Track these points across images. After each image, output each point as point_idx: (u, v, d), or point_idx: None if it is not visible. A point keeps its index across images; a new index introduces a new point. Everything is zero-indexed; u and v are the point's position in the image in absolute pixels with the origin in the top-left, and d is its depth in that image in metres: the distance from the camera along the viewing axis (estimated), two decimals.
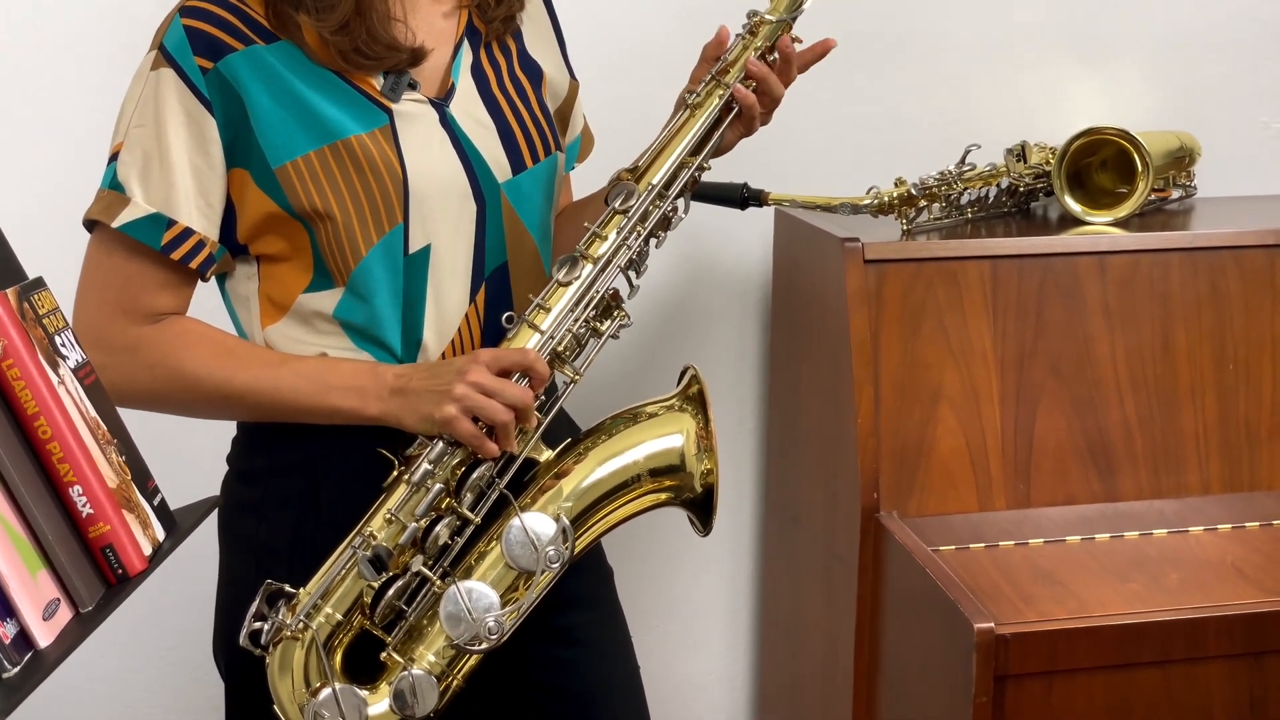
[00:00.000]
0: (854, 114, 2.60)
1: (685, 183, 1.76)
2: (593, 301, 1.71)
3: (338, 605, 1.65)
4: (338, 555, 1.66)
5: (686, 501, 1.77)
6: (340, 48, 1.64)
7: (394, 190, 1.67)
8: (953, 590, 1.93)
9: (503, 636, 1.67)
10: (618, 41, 2.51)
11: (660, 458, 1.75)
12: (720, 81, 1.77)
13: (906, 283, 2.19)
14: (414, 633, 1.68)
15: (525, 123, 1.77)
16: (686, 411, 1.77)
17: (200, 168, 1.65)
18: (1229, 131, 2.74)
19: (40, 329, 1.29)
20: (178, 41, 1.63)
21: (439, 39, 1.73)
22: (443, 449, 1.66)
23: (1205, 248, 2.28)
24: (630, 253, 1.73)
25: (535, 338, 1.69)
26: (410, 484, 1.65)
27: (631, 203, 1.73)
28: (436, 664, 1.67)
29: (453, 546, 1.68)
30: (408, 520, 1.65)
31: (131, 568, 1.30)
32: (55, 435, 1.26)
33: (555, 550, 1.69)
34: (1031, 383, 2.22)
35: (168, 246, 1.66)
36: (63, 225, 2.28)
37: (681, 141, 1.76)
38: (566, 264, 1.71)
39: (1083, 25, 2.67)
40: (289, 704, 1.65)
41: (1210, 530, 2.19)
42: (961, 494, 2.19)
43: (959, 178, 2.35)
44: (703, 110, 1.76)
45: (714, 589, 2.75)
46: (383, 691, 1.66)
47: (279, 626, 1.64)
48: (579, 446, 1.75)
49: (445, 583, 1.67)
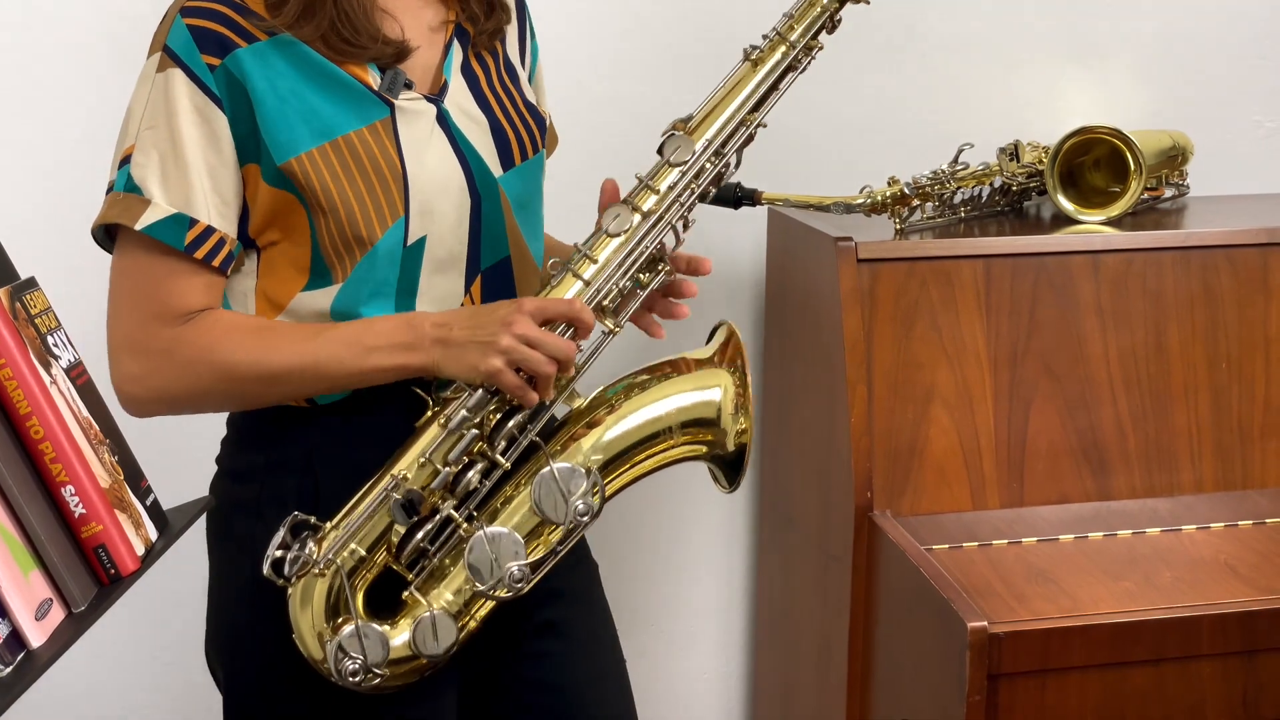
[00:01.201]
0: (847, 113, 2.60)
1: (741, 139, 1.76)
2: (640, 255, 1.72)
3: (363, 542, 1.66)
4: (368, 494, 1.66)
5: (717, 458, 1.78)
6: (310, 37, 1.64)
7: (395, 184, 1.67)
8: (946, 589, 1.93)
9: (526, 586, 1.68)
10: (611, 42, 2.51)
11: (695, 411, 1.75)
12: (785, 38, 1.76)
13: (900, 282, 2.19)
14: (436, 573, 1.69)
15: (514, 120, 1.77)
16: (724, 368, 1.77)
17: (215, 166, 1.65)
18: (1221, 130, 2.74)
19: (32, 329, 1.29)
20: (183, 41, 1.63)
21: (426, 37, 1.74)
22: (482, 397, 1.66)
23: (1198, 246, 2.29)
24: (682, 209, 1.73)
25: (578, 286, 1.69)
26: (446, 428, 1.66)
27: (687, 158, 1.73)
28: (454, 603, 1.67)
29: (480, 490, 1.69)
30: (440, 464, 1.65)
31: (124, 568, 1.30)
32: (48, 435, 1.26)
33: (585, 504, 1.69)
34: (1025, 382, 2.22)
35: (191, 246, 1.65)
36: (55, 226, 2.29)
37: (739, 96, 1.75)
38: (615, 214, 1.71)
39: (1075, 25, 2.68)
40: (309, 636, 1.65)
41: (1203, 529, 2.19)
42: (955, 493, 2.19)
43: (952, 177, 2.35)
44: (764, 65, 1.76)
45: (708, 588, 2.75)
46: (402, 627, 1.67)
47: (304, 560, 1.64)
48: (612, 396, 1.75)
49: (471, 527, 1.67)
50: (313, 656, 1.66)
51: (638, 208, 1.71)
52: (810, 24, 1.77)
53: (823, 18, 1.77)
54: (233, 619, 1.77)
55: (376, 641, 1.65)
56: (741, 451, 1.76)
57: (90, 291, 1.88)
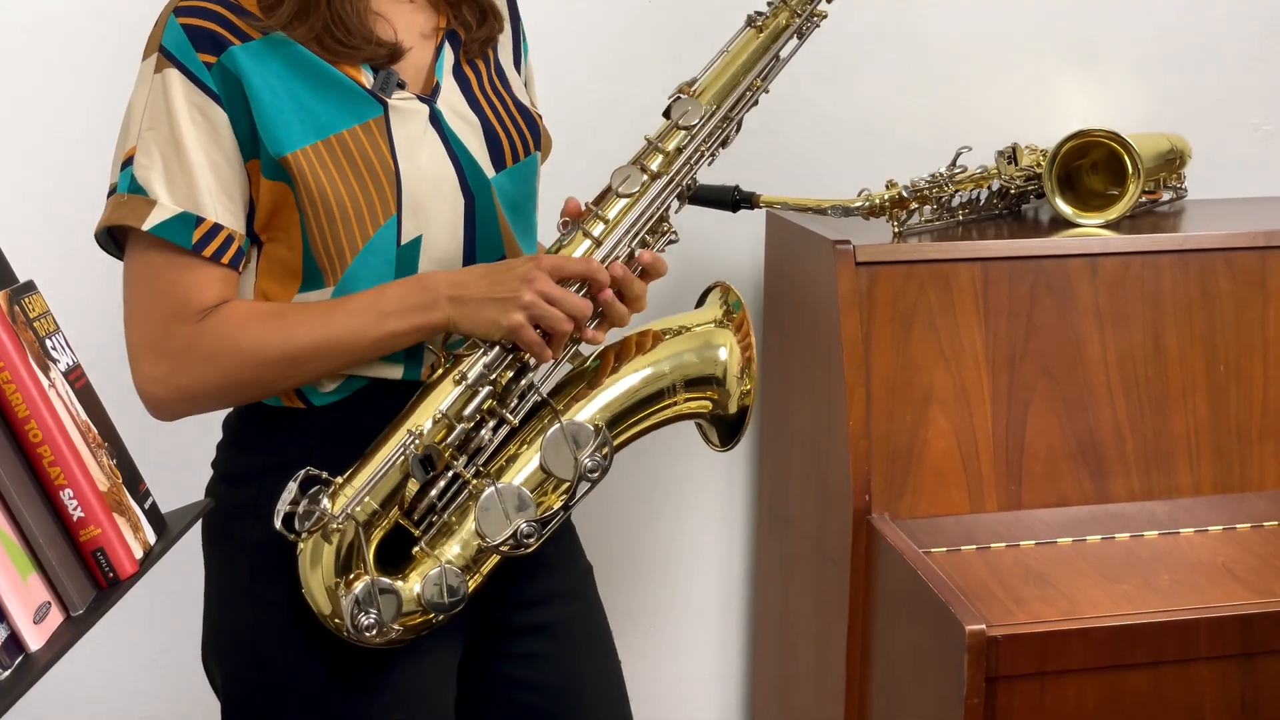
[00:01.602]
0: (845, 116, 2.60)
1: (748, 102, 1.78)
2: (650, 215, 1.73)
3: (376, 496, 1.66)
4: (383, 449, 1.66)
5: (718, 418, 1.79)
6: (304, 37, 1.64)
7: (388, 183, 1.67)
8: (944, 592, 1.93)
9: (535, 541, 1.68)
10: (608, 44, 2.51)
11: (701, 368, 1.77)
12: (787, 4, 1.79)
13: (898, 285, 2.20)
14: (444, 529, 1.69)
15: (506, 122, 1.78)
16: (729, 328, 1.79)
17: (219, 163, 1.65)
18: (1219, 134, 2.74)
19: (31, 332, 1.29)
20: (179, 41, 1.63)
21: (418, 38, 1.74)
22: (499, 354, 1.67)
23: (1196, 249, 2.29)
24: (690, 169, 1.75)
25: (587, 244, 1.71)
26: (461, 384, 1.67)
27: (694, 121, 1.75)
28: (462, 557, 1.68)
29: (488, 446, 1.70)
30: (455, 421, 1.66)
31: (122, 571, 1.30)
32: (46, 439, 1.25)
33: (593, 461, 1.70)
34: (1023, 384, 2.22)
35: (199, 244, 1.65)
36: (54, 229, 2.29)
37: (742, 58, 1.78)
38: (625, 175, 1.72)
39: (1073, 28, 2.68)
40: (319, 592, 1.65)
41: (1201, 531, 2.19)
42: (953, 496, 2.19)
43: (950, 180, 2.35)
44: (767, 30, 1.79)
45: (706, 590, 2.76)
46: (412, 581, 1.67)
47: (319, 515, 1.64)
48: (618, 353, 1.77)
49: (481, 482, 1.68)
50: (322, 612, 1.65)
51: (646, 168, 1.73)
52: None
53: None
54: (230, 622, 1.77)
55: (392, 596, 1.65)
56: (744, 412, 1.78)
57: (88, 295, 1.88)
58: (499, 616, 1.82)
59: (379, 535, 1.67)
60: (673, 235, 1.77)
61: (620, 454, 1.80)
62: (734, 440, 1.81)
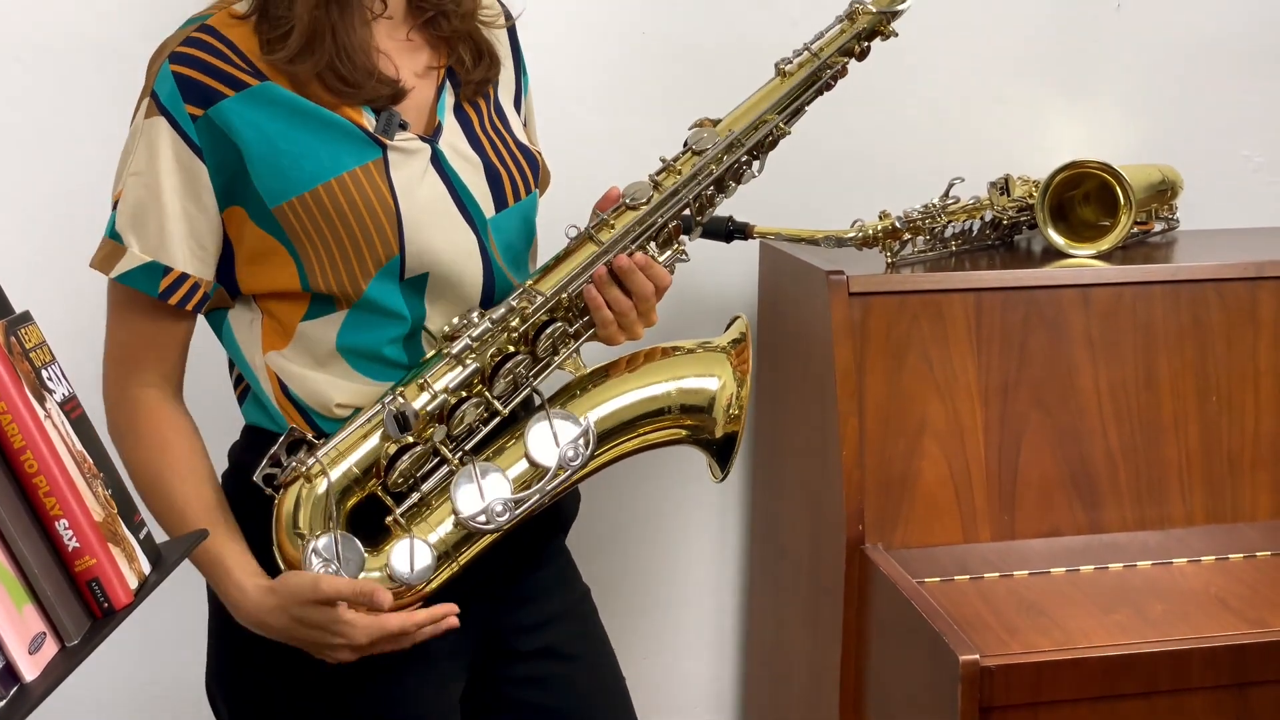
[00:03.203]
0: (838, 147, 2.61)
1: (763, 138, 1.81)
2: (656, 226, 1.75)
3: (357, 462, 1.66)
4: (365, 411, 1.68)
5: (704, 443, 1.81)
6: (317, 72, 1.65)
7: (388, 222, 1.68)
8: (937, 622, 1.93)
9: (508, 522, 1.69)
10: (606, 76, 2.52)
11: (692, 395, 1.79)
12: (815, 55, 1.82)
13: (891, 315, 2.20)
14: (423, 506, 1.70)
15: (506, 162, 1.79)
16: (730, 361, 1.81)
17: (193, 213, 1.68)
18: (1211, 165, 2.75)
19: (27, 363, 1.29)
20: (169, 90, 1.65)
21: (420, 79, 1.75)
22: (486, 328, 1.69)
23: (1187, 280, 2.29)
24: (700, 188, 1.77)
25: (592, 248, 1.72)
26: (448, 357, 1.68)
27: (709, 146, 1.77)
28: (440, 543, 1.68)
29: (476, 433, 1.71)
30: (439, 391, 1.67)
31: (117, 601, 1.30)
32: (42, 469, 1.26)
33: (574, 450, 1.72)
34: (1015, 414, 2.23)
35: (165, 292, 1.70)
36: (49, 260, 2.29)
37: (767, 103, 1.81)
38: (635, 188, 1.75)
39: (1065, 60, 2.69)
40: (287, 543, 1.66)
41: (1194, 562, 2.19)
42: (946, 525, 2.19)
43: (943, 211, 2.36)
44: (793, 78, 1.82)
45: (700, 619, 2.75)
46: (382, 555, 1.67)
47: (294, 466, 1.66)
48: (617, 366, 1.79)
49: (462, 463, 1.70)
50: (287, 562, 1.66)
51: (659, 184, 1.76)
52: (838, 46, 1.84)
53: (850, 42, 1.84)
54: (233, 651, 1.77)
55: (352, 557, 1.65)
56: (732, 439, 1.80)
57: (84, 326, 1.89)
58: (501, 643, 1.83)
59: (353, 500, 1.67)
60: (683, 255, 1.79)
61: (615, 483, 1.81)
62: (726, 467, 1.82)
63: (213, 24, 1.67)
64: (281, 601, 1.64)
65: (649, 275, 1.73)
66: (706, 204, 1.80)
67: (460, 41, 1.79)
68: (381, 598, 1.61)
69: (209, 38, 1.66)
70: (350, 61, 1.67)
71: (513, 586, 1.82)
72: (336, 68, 1.67)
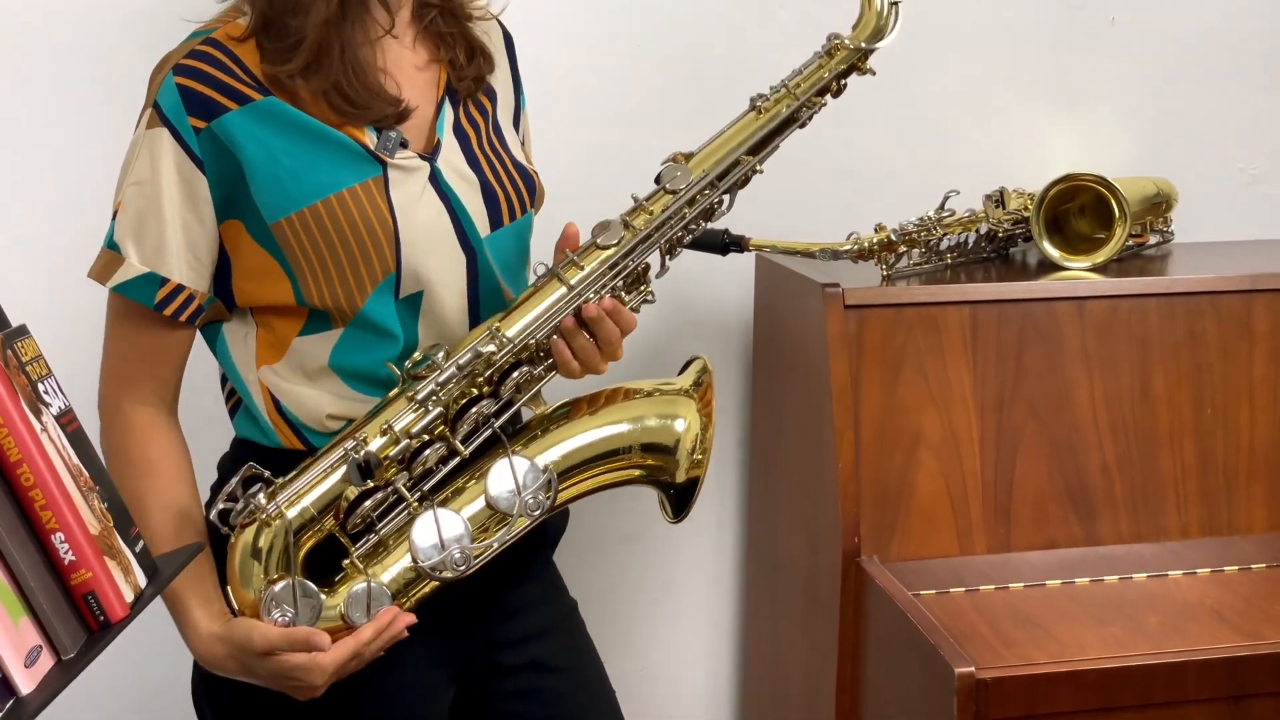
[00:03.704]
0: (834, 160, 2.62)
1: (736, 179, 1.80)
2: (625, 270, 1.74)
3: (315, 502, 1.66)
4: (327, 453, 1.67)
5: (663, 484, 1.81)
6: (323, 91, 1.66)
7: (386, 240, 1.68)
8: (933, 634, 1.93)
9: (467, 570, 1.69)
10: (599, 87, 2.52)
11: (655, 435, 1.78)
12: (791, 92, 1.82)
13: (887, 328, 2.20)
14: (380, 548, 1.69)
15: (504, 181, 1.79)
16: (695, 401, 1.80)
17: (191, 224, 1.68)
18: (1205, 178, 2.76)
19: (23, 376, 1.30)
20: (172, 102, 1.65)
21: (421, 97, 1.75)
22: (452, 374, 1.68)
23: (1183, 293, 2.30)
24: (672, 231, 1.76)
25: (561, 290, 1.71)
26: (412, 401, 1.67)
27: (681, 186, 1.76)
28: (394, 582, 1.68)
29: (436, 473, 1.71)
30: (402, 435, 1.66)
31: (113, 614, 1.30)
32: (38, 482, 1.26)
33: (535, 499, 1.71)
34: (1011, 427, 2.23)
35: (161, 304, 1.70)
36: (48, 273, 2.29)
37: (740, 138, 1.80)
38: (606, 228, 1.74)
39: (1060, 73, 2.70)
40: (240, 587, 1.65)
41: (1189, 574, 2.20)
42: (942, 538, 2.19)
43: (938, 223, 2.36)
44: (768, 115, 1.81)
45: (695, 632, 2.75)
46: (339, 595, 1.67)
47: (252, 509, 1.65)
48: (579, 407, 1.78)
49: (422, 506, 1.69)
50: (238, 602, 1.66)
51: (630, 224, 1.75)
52: (815, 83, 1.84)
53: (829, 80, 1.84)
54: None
55: (309, 603, 1.65)
56: (693, 484, 1.80)
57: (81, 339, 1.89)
58: (488, 658, 1.83)
59: (310, 541, 1.67)
60: (649, 296, 1.78)
61: (609, 495, 1.80)
62: (684, 512, 1.82)
63: (217, 38, 1.68)
64: (231, 651, 1.66)
65: (616, 321, 1.73)
66: (677, 244, 1.80)
67: (456, 39, 1.79)
68: (318, 641, 1.62)
69: (214, 50, 1.67)
70: (357, 82, 1.68)
71: (498, 601, 1.82)
72: (342, 87, 1.67)
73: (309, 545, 1.67)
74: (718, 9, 2.54)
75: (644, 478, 1.80)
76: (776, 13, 2.55)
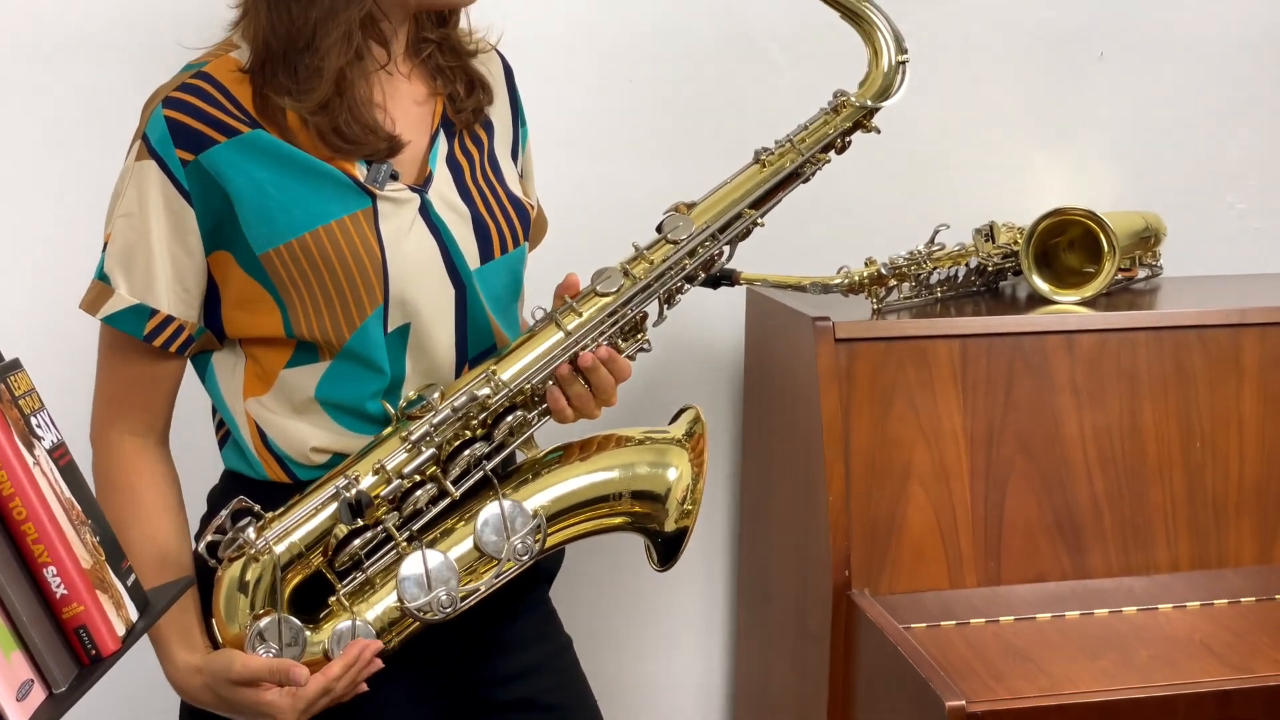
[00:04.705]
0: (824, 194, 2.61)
1: (737, 231, 1.81)
2: (623, 318, 1.75)
3: (304, 539, 1.66)
4: (318, 490, 1.67)
5: (652, 533, 1.81)
6: (320, 128, 1.66)
7: (374, 272, 1.69)
8: (924, 668, 1.93)
9: (453, 612, 1.69)
10: (593, 124, 2.53)
11: (647, 483, 1.79)
12: (796, 147, 1.82)
13: (877, 361, 2.21)
14: (367, 586, 1.70)
15: (496, 214, 1.79)
16: (687, 452, 1.80)
17: (179, 256, 1.69)
18: (1194, 212, 2.77)
19: (16, 410, 1.30)
20: (160, 134, 1.66)
21: (415, 129, 1.76)
22: (447, 416, 1.69)
23: (1171, 327, 2.31)
24: (671, 281, 1.77)
25: (559, 336, 1.72)
26: (406, 441, 1.68)
27: (683, 236, 1.77)
28: (379, 621, 1.68)
29: (425, 514, 1.71)
30: (394, 476, 1.67)
31: (105, 648, 1.30)
32: (30, 516, 1.26)
33: (523, 544, 1.71)
34: (1001, 460, 2.23)
35: (150, 335, 1.71)
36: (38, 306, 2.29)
37: (742, 191, 1.81)
38: (606, 276, 1.75)
39: (1049, 108, 2.71)
40: (226, 621, 1.66)
41: (1179, 607, 2.20)
42: (932, 571, 2.20)
43: (928, 257, 2.37)
44: (771, 168, 1.82)
45: (687, 665, 2.75)
46: (324, 632, 1.67)
47: (240, 543, 1.65)
48: (571, 452, 1.78)
49: (410, 546, 1.69)
50: (224, 641, 1.66)
51: (629, 272, 1.75)
52: (821, 139, 1.84)
53: (834, 136, 1.85)
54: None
55: (295, 638, 1.65)
56: (682, 534, 1.80)
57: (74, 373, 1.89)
58: (482, 695, 1.83)
59: (297, 578, 1.67)
60: (646, 345, 1.79)
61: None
62: (671, 561, 1.82)
63: (208, 71, 1.68)
64: (208, 681, 1.66)
65: (611, 369, 1.74)
66: (676, 293, 1.80)
67: (455, 73, 1.80)
68: (298, 674, 1.62)
69: (204, 84, 1.67)
70: (354, 120, 1.68)
71: (491, 637, 1.82)
72: (339, 126, 1.67)
73: (295, 581, 1.67)
74: (710, 47, 2.55)
75: (633, 525, 1.80)
76: (768, 48, 2.56)
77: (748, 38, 2.56)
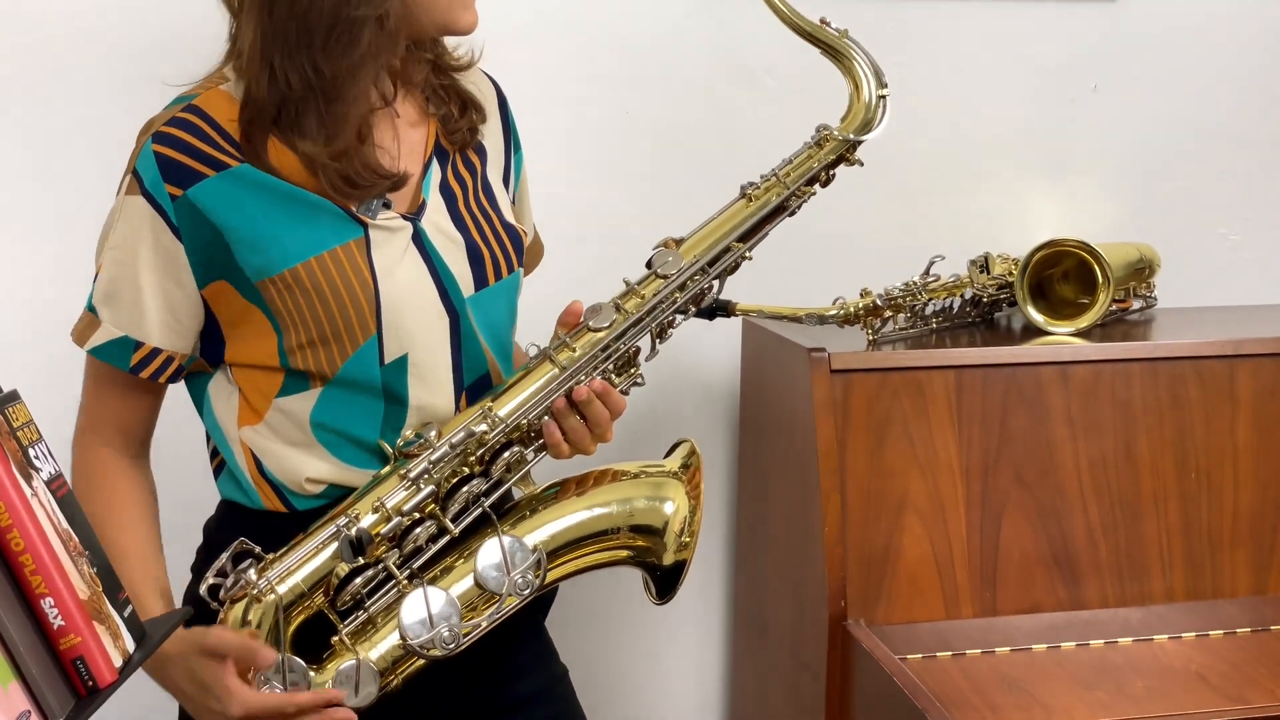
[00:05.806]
0: (820, 225, 2.62)
1: (726, 265, 1.82)
2: (616, 353, 1.76)
3: (306, 579, 1.66)
4: (319, 530, 1.67)
5: (650, 566, 1.81)
6: (329, 175, 1.66)
7: (366, 303, 1.69)
8: (920, 699, 1.93)
9: (456, 649, 1.69)
10: (588, 153, 2.54)
11: (644, 517, 1.79)
12: (781, 181, 1.84)
13: (872, 392, 2.22)
14: (369, 626, 1.70)
15: (490, 240, 1.80)
16: (684, 485, 1.81)
17: (170, 289, 1.69)
18: (1188, 243, 2.78)
19: (14, 441, 1.30)
20: (149, 169, 1.66)
21: (410, 156, 1.76)
22: (445, 453, 1.69)
23: (1166, 358, 2.31)
24: (663, 315, 1.78)
25: (553, 371, 1.73)
26: (405, 479, 1.68)
27: (672, 271, 1.78)
28: (382, 660, 1.68)
29: (425, 551, 1.71)
30: (394, 513, 1.67)
31: (102, 679, 1.30)
32: (28, 547, 1.26)
33: (524, 579, 1.72)
34: (996, 491, 2.24)
35: (136, 367, 1.72)
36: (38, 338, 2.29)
37: (730, 225, 1.82)
38: (598, 311, 1.76)
39: (1044, 139, 2.72)
40: None
41: (1175, 638, 2.20)
42: (928, 602, 2.20)
43: (923, 289, 2.38)
44: (758, 203, 1.83)
45: (683, 697, 2.75)
46: (327, 672, 1.67)
47: (241, 584, 1.65)
48: (568, 487, 1.79)
49: (411, 584, 1.69)
50: None
51: (621, 308, 1.76)
52: (805, 173, 1.85)
53: (818, 170, 1.86)
54: None
55: (300, 677, 1.65)
56: (680, 567, 1.81)
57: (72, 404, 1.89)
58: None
59: (300, 618, 1.67)
60: (639, 379, 1.80)
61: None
62: (669, 594, 1.82)
63: (198, 104, 1.69)
64: (181, 649, 1.65)
65: (606, 403, 1.74)
66: (668, 327, 1.81)
67: (449, 93, 1.81)
68: (263, 659, 1.62)
69: (193, 118, 1.67)
70: (366, 168, 1.68)
71: (488, 667, 1.82)
72: (347, 172, 1.68)
73: (298, 621, 1.67)
74: (703, 76, 2.56)
75: (632, 559, 1.81)
76: (763, 79, 2.57)
77: (745, 69, 2.57)
